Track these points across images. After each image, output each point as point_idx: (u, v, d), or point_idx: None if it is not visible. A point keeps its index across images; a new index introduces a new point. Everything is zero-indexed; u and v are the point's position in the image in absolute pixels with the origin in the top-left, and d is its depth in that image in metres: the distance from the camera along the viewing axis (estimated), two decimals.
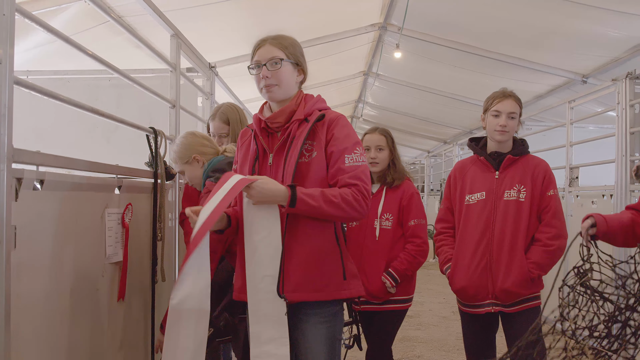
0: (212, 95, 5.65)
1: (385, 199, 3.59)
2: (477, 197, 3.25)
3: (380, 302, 3.53)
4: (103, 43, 5.51)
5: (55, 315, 2.39)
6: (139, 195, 3.32)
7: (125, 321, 3.13)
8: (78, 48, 2.72)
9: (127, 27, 3.68)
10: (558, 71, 7.53)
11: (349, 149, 2.42)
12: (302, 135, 2.42)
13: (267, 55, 2.46)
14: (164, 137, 3.57)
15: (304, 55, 2.58)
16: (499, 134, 3.20)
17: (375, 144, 3.65)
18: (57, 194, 2.38)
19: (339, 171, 2.40)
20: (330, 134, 2.44)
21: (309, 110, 2.49)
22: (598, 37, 6.26)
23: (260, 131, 2.54)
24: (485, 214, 3.19)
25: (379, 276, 3.51)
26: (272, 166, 2.48)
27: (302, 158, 2.42)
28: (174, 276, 3.97)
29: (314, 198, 2.30)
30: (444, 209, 3.44)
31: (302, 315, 2.42)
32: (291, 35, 2.58)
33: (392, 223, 3.56)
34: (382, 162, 3.63)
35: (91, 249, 2.71)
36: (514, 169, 3.22)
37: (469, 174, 3.33)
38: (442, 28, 7.40)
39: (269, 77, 2.44)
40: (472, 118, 11.22)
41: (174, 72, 4.11)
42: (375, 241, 3.55)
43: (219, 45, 6.49)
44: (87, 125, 5.35)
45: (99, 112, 2.86)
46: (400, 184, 3.62)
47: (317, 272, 2.39)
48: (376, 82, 10.95)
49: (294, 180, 2.36)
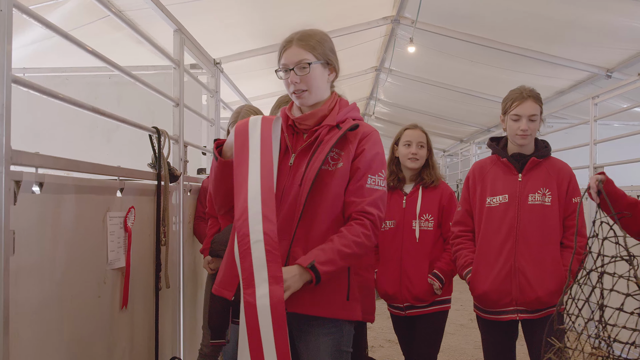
0: (217, 93, 5.66)
1: (422, 199, 3.66)
2: (499, 199, 3.23)
3: (427, 305, 3.58)
4: (103, 39, 5.54)
5: (55, 324, 2.40)
6: (141, 198, 3.33)
7: (128, 330, 3.14)
8: (77, 44, 2.72)
9: (128, 22, 3.69)
10: (581, 65, 7.50)
11: (375, 169, 2.41)
12: (331, 141, 2.39)
13: (294, 59, 2.41)
14: (168, 137, 3.58)
15: (334, 50, 2.52)
16: (521, 138, 3.18)
17: (417, 140, 3.72)
18: (56, 197, 2.39)
19: (359, 190, 2.38)
20: (361, 148, 2.41)
21: (342, 117, 2.47)
22: (623, 29, 6.23)
23: (286, 128, 2.52)
24: (509, 218, 3.17)
25: (424, 278, 3.56)
26: (292, 167, 2.44)
27: (326, 165, 2.39)
28: (178, 283, 3.99)
29: (333, 263, 2.27)
30: (463, 211, 3.41)
31: (305, 326, 2.40)
32: (317, 28, 2.53)
33: (433, 224, 3.63)
34: (421, 159, 3.71)
35: (92, 255, 2.72)
36: (537, 172, 3.21)
37: (490, 175, 3.31)
38: (458, 21, 7.38)
39: (298, 82, 2.41)
40: (490, 115, 11.18)
41: (177, 68, 4.12)
42: (416, 243, 3.60)
43: (224, 40, 6.50)
44: (86, 124, 5.37)
45: (99, 111, 2.87)
46: (438, 184, 3.71)
47: (319, 289, 2.32)
48: (389, 78, 10.93)
49: (313, 188, 2.33)
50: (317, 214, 2.37)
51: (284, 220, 2.37)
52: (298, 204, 2.35)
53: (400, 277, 3.60)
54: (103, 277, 2.82)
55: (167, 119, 4.09)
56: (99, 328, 2.81)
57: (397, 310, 3.67)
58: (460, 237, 3.39)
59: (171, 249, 3.69)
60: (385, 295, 3.68)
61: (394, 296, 3.62)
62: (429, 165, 3.74)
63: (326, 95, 2.51)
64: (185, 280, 4.13)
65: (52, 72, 5.54)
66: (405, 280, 3.59)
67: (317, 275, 2.25)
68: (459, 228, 3.41)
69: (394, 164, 3.79)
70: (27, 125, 5.28)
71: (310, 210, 2.36)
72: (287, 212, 2.38)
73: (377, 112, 14.47)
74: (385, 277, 3.65)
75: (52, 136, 5.34)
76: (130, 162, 3.55)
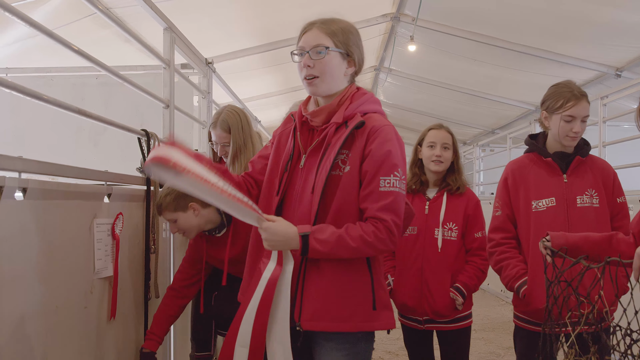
0: (209, 93, 5.65)
1: (447, 205, 3.54)
2: (546, 203, 3.11)
3: (448, 321, 3.47)
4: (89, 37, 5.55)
5: (39, 336, 2.39)
6: (130, 204, 3.32)
7: (117, 342, 3.13)
8: (62, 43, 2.72)
9: (115, 19, 3.69)
10: (589, 64, 7.53)
11: (387, 170, 2.30)
12: (338, 143, 2.33)
13: (312, 42, 2.37)
14: (157, 140, 3.57)
15: (359, 44, 2.48)
16: (572, 140, 3.10)
17: (442, 141, 3.58)
18: (41, 203, 2.38)
19: (371, 195, 2.30)
20: (368, 149, 2.32)
21: (351, 112, 2.38)
22: (633, 26, 6.25)
23: (300, 125, 2.48)
24: (559, 222, 3.04)
25: (445, 292, 3.44)
26: (303, 169, 2.41)
27: (336, 170, 2.33)
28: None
29: (327, 245, 2.23)
30: (503, 216, 3.24)
31: (320, 339, 2.36)
32: (347, 20, 2.51)
33: (457, 234, 3.50)
34: (446, 162, 3.58)
35: (79, 263, 2.71)
36: (582, 172, 3.13)
37: (532, 176, 3.18)
38: (460, 18, 7.40)
39: (311, 66, 2.35)
40: (494, 117, 11.22)
41: (168, 68, 4.11)
42: (438, 253, 3.48)
43: (216, 39, 6.52)
44: (72, 127, 5.38)
45: (86, 113, 2.86)
46: (464, 191, 3.58)
47: (344, 299, 2.30)
48: (388, 77, 10.96)
49: (324, 195, 2.30)
50: (328, 220, 2.32)
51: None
52: (310, 214, 2.33)
53: (420, 289, 3.48)
54: (90, 286, 2.81)
55: (156, 121, 4.08)
56: (86, 340, 2.79)
57: (414, 323, 3.55)
58: (504, 245, 3.21)
59: (161, 257, 3.68)
60: (404, 307, 3.55)
61: (413, 308, 3.50)
62: (454, 170, 3.61)
63: (341, 86, 2.44)
64: None
65: (36, 73, 5.55)
66: (425, 292, 3.47)
67: (304, 247, 2.22)
68: (500, 235, 3.23)
69: (416, 166, 3.67)
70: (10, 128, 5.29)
71: (322, 217, 2.33)
72: (301, 218, 2.36)
73: None
74: (404, 287, 3.53)
75: (36, 139, 5.34)
76: (118, 166, 3.54)
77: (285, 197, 2.44)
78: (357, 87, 2.49)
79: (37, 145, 5.26)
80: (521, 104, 10.24)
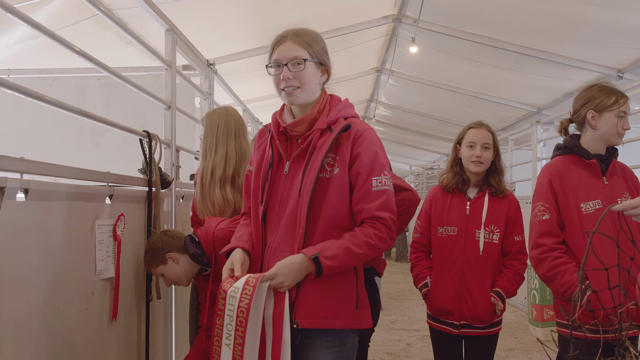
0: (210, 95, 5.65)
1: (489, 207, 3.45)
2: (593, 205, 3.04)
3: (486, 326, 3.39)
4: (91, 39, 5.55)
5: (41, 337, 2.39)
6: (132, 205, 3.32)
7: (118, 343, 3.13)
8: (64, 44, 2.72)
9: (117, 21, 3.69)
10: (590, 66, 7.52)
11: (377, 170, 2.40)
12: (325, 146, 2.39)
13: (288, 54, 2.42)
14: (159, 141, 3.57)
15: (327, 51, 2.53)
16: (621, 137, 3.09)
17: (482, 140, 3.49)
18: (42, 204, 2.38)
19: (366, 196, 2.38)
20: (356, 152, 2.40)
21: (333, 118, 2.46)
22: (634, 28, 6.25)
23: (277, 135, 2.53)
24: (608, 225, 2.96)
25: (486, 296, 3.36)
26: (287, 175, 2.47)
27: (323, 173, 2.39)
28: (169, 293, 3.98)
29: (337, 259, 2.31)
30: (552, 220, 3.09)
31: (308, 338, 2.41)
32: (312, 29, 2.54)
33: (499, 237, 3.41)
34: (486, 162, 3.48)
35: (80, 265, 2.72)
36: (616, 175, 3.12)
37: (576, 178, 3.11)
38: (462, 20, 7.40)
39: (291, 78, 2.41)
40: (496, 118, 11.20)
41: (169, 70, 4.11)
42: (479, 256, 3.39)
43: (217, 40, 6.52)
44: (74, 128, 5.39)
45: (87, 114, 2.86)
46: (507, 194, 3.50)
47: (333, 300, 2.39)
48: (390, 79, 10.96)
49: (313, 198, 2.36)
50: (318, 224, 2.39)
51: (284, 232, 2.43)
52: (300, 217, 2.38)
53: (460, 292, 3.39)
54: (91, 288, 2.82)
55: (158, 123, 4.08)
56: (87, 341, 2.80)
57: (449, 327, 3.44)
58: (556, 250, 3.05)
59: None
60: (441, 310, 3.44)
61: (452, 312, 3.40)
62: (496, 170, 3.52)
63: (317, 95, 2.50)
64: (177, 290, 4.11)
65: (38, 74, 5.55)
66: (466, 296, 3.38)
67: (318, 268, 2.28)
68: (551, 240, 3.07)
69: (457, 165, 3.58)
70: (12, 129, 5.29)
71: (312, 221, 2.38)
72: (287, 223, 2.43)
73: (378, 114, 14.48)
74: (442, 289, 3.45)
75: (38, 140, 5.35)
76: (120, 167, 3.55)
77: (269, 205, 2.50)
78: (330, 95, 2.56)
79: (39, 146, 5.26)
80: (523, 105, 10.23)
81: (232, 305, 2.28)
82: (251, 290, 2.26)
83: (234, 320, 2.28)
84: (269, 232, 2.50)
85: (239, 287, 2.28)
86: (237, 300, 2.27)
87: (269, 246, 2.48)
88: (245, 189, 2.72)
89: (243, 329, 2.26)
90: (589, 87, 3.20)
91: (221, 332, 2.32)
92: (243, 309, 2.26)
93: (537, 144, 8.61)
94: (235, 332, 2.27)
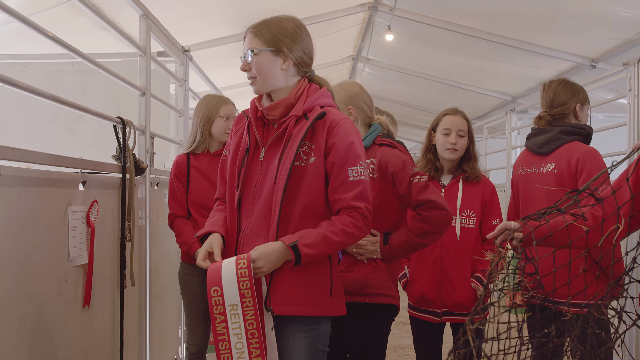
0: (185, 82, 5.62)
1: (463, 193, 3.47)
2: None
3: (467, 313, 3.24)
4: (65, 25, 5.49)
5: (13, 324, 2.39)
6: (105, 192, 3.31)
7: (92, 329, 3.13)
8: (37, 30, 2.70)
9: (91, 6, 3.66)
10: (565, 55, 7.57)
11: (353, 160, 2.41)
12: (300, 134, 2.41)
13: (245, 47, 2.50)
14: (133, 127, 3.56)
15: (295, 37, 2.48)
16: None
17: (458, 127, 3.50)
18: (14, 190, 2.37)
19: (342, 186, 2.41)
20: (332, 142, 2.42)
21: (309, 105, 2.47)
22: (609, 17, 6.28)
23: (255, 120, 2.54)
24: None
25: (466, 282, 3.37)
26: (263, 161, 2.49)
27: (299, 161, 2.42)
28: (144, 280, 3.97)
29: (315, 247, 2.33)
30: None
31: (282, 324, 2.44)
32: (289, 15, 2.55)
33: (475, 221, 3.43)
34: (461, 150, 3.50)
35: (53, 251, 2.71)
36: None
37: None
38: (438, 8, 7.41)
39: (248, 70, 2.48)
40: (473, 107, 11.25)
41: (144, 56, 4.09)
42: (457, 242, 3.41)
43: (193, 27, 6.48)
44: (48, 114, 5.33)
45: (61, 100, 2.85)
46: (481, 179, 3.51)
47: (307, 287, 2.43)
48: (366, 67, 10.96)
49: (288, 185, 2.37)
50: (294, 212, 2.42)
51: (258, 218, 2.46)
52: (274, 203, 2.40)
53: (440, 280, 3.40)
54: (64, 274, 2.81)
55: (132, 109, 4.07)
56: (60, 327, 2.79)
57: (430, 315, 3.44)
58: None
59: (137, 245, 3.68)
60: (422, 299, 3.45)
61: (432, 300, 3.41)
62: (470, 157, 3.53)
63: (287, 83, 2.50)
64: (151, 277, 4.11)
65: (11, 59, 5.49)
66: (445, 283, 3.39)
67: (297, 256, 2.30)
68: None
69: (430, 151, 3.60)
70: None
71: (287, 209, 2.41)
72: (262, 209, 2.45)
73: None
74: (421, 278, 3.46)
75: (10, 126, 5.30)
76: (95, 154, 3.53)
77: (244, 191, 2.52)
78: (310, 82, 2.57)
79: (11, 132, 5.22)
80: (498, 94, 10.28)
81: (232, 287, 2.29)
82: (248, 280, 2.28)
83: (240, 308, 2.29)
84: (243, 218, 2.52)
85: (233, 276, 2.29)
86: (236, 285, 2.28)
87: (243, 232, 2.50)
88: (220, 174, 2.73)
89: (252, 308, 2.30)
90: (566, 82, 3.36)
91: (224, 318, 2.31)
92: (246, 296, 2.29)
93: (511, 132, 8.66)
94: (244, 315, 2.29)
